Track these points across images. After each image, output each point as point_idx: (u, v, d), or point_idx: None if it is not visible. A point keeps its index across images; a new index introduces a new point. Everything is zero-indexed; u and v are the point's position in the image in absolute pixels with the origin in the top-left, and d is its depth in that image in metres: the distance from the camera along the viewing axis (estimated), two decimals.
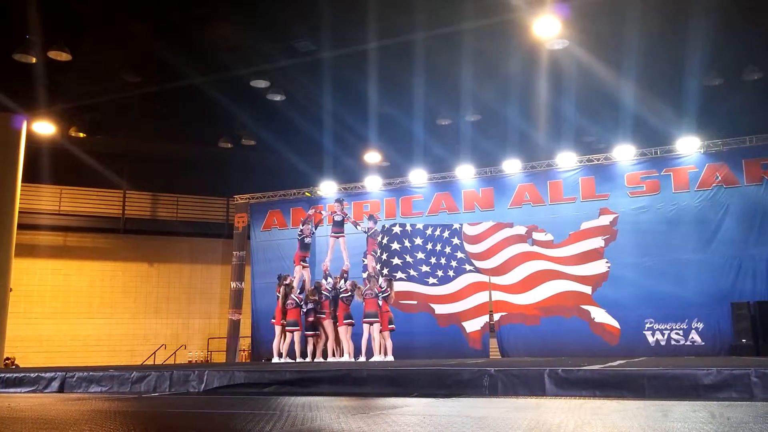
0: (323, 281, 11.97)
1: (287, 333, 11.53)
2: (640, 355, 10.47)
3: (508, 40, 12.17)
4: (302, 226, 12.86)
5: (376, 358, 10.80)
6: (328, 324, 11.50)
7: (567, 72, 13.02)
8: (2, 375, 6.89)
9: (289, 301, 11.57)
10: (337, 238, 12.68)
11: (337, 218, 12.67)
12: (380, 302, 11.03)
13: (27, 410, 3.99)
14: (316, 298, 11.65)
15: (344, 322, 11.22)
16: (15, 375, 6.80)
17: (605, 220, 12.84)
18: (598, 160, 13.38)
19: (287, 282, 11.78)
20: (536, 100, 14.25)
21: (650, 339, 12.01)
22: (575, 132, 15.12)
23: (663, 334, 11.95)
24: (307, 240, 12.71)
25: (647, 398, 4.26)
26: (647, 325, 12.07)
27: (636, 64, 12.25)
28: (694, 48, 11.88)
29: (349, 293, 11.29)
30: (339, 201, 13.04)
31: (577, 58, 12.51)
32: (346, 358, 11.14)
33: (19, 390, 6.47)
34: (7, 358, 15.24)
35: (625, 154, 13.06)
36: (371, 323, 10.97)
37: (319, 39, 12.19)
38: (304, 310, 11.64)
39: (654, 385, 4.40)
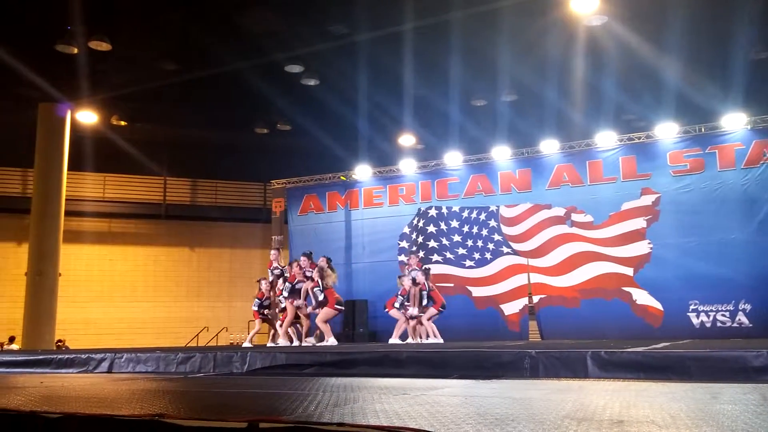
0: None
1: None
2: (685, 338, 10.26)
3: (545, 17, 11.92)
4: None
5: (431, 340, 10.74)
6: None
7: (606, 49, 12.70)
8: (55, 356, 7.16)
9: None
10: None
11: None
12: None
13: (80, 389, 4.14)
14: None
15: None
16: (67, 356, 7.05)
17: (647, 200, 12.54)
18: (639, 138, 13.04)
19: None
20: (574, 79, 13.97)
21: (695, 321, 11.75)
22: (615, 110, 14.77)
23: (708, 316, 11.67)
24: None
25: (694, 381, 4.18)
26: (692, 307, 11.81)
27: (678, 38, 11.86)
28: (740, 20, 11.44)
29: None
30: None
31: (617, 34, 12.19)
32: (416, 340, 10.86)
33: (71, 370, 6.71)
34: (59, 341, 15.82)
35: (667, 132, 12.69)
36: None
37: (353, 21, 12.15)
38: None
39: (701, 367, 4.31)
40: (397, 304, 10.84)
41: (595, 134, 13.37)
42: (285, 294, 10.58)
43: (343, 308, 10.85)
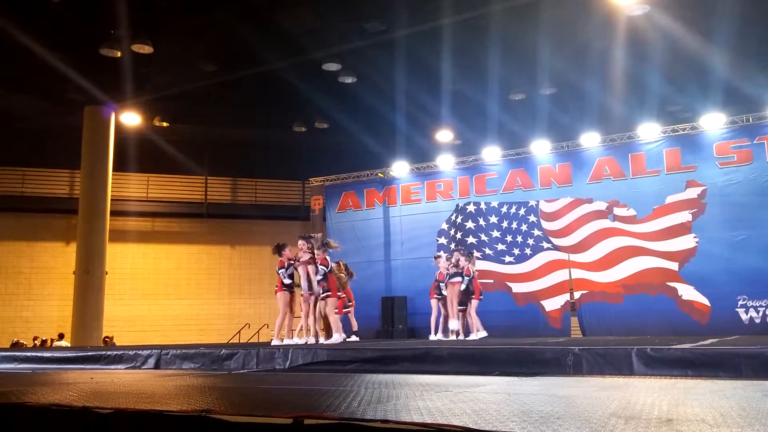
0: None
1: None
2: (733, 334, 9.95)
3: (584, 8, 11.71)
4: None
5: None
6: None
7: (649, 39, 12.40)
8: (104, 353, 7.38)
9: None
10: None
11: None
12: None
13: (129, 385, 4.25)
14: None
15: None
16: (115, 353, 7.25)
17: (692, 192, 12.20)
18: (684, 130, 12.68)
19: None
20: (615, 70, 13.68)
21: (744, 317, 11.39)
22: (658, 101, 14.41)
23: (758, 312, 11.30)
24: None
25: (744, 378, 4.06)
26: (740, 302, 11.45)
27: (725, 25, 11.50)
28: None
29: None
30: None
31: (660, 23, 11.88)
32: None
33: (119, 366, 6.90)
34: (106, 337, 16.29)
35: (713, 122, 12.30)
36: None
37: (390, 18, 12.15)
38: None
39: (752, 364, 4.18)
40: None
41: (638, 126, 13.06)
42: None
43: (343, 294, 9.44)
